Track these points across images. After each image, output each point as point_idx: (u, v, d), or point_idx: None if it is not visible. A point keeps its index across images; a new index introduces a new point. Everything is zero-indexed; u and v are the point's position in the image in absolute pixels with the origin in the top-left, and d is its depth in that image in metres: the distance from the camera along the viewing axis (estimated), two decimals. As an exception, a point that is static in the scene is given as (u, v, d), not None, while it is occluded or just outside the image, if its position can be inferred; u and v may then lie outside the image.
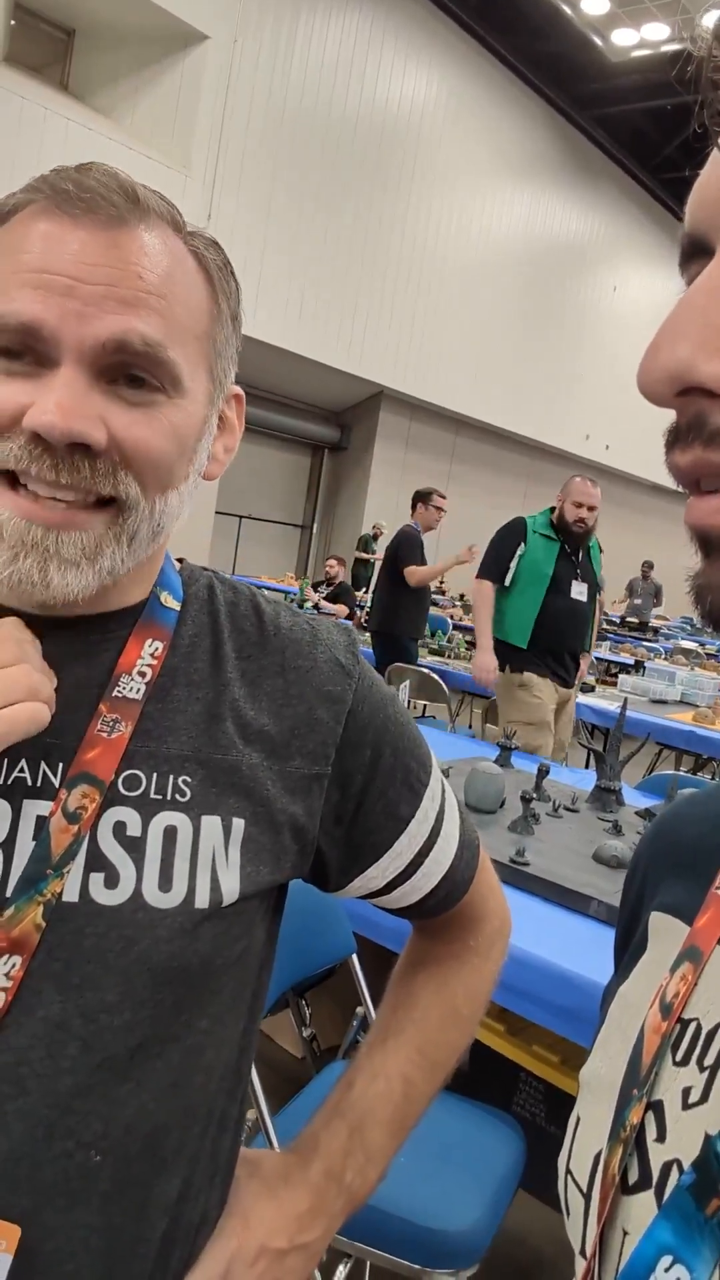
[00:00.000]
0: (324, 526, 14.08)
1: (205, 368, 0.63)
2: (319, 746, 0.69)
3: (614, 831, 2.33)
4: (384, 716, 0.74)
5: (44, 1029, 0.57)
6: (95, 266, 0.57)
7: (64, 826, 0.59)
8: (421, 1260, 1.37)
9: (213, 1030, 0.64)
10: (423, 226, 12.37)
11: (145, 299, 0.58)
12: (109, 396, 0.58)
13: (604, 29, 11.78)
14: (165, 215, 0.61)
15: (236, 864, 0.64)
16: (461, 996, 0.83)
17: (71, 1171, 0.58)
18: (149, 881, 0.61)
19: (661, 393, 0.32)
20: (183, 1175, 0.63)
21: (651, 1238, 0.37)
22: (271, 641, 0.71)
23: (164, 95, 9.62)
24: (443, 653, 6.33)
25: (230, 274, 0.66)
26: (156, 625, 0.66)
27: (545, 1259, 1.95)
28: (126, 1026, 0.59)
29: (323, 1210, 0.72)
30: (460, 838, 0.79)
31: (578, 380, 15.08)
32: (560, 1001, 1.54)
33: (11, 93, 7.98)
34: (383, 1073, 0.78)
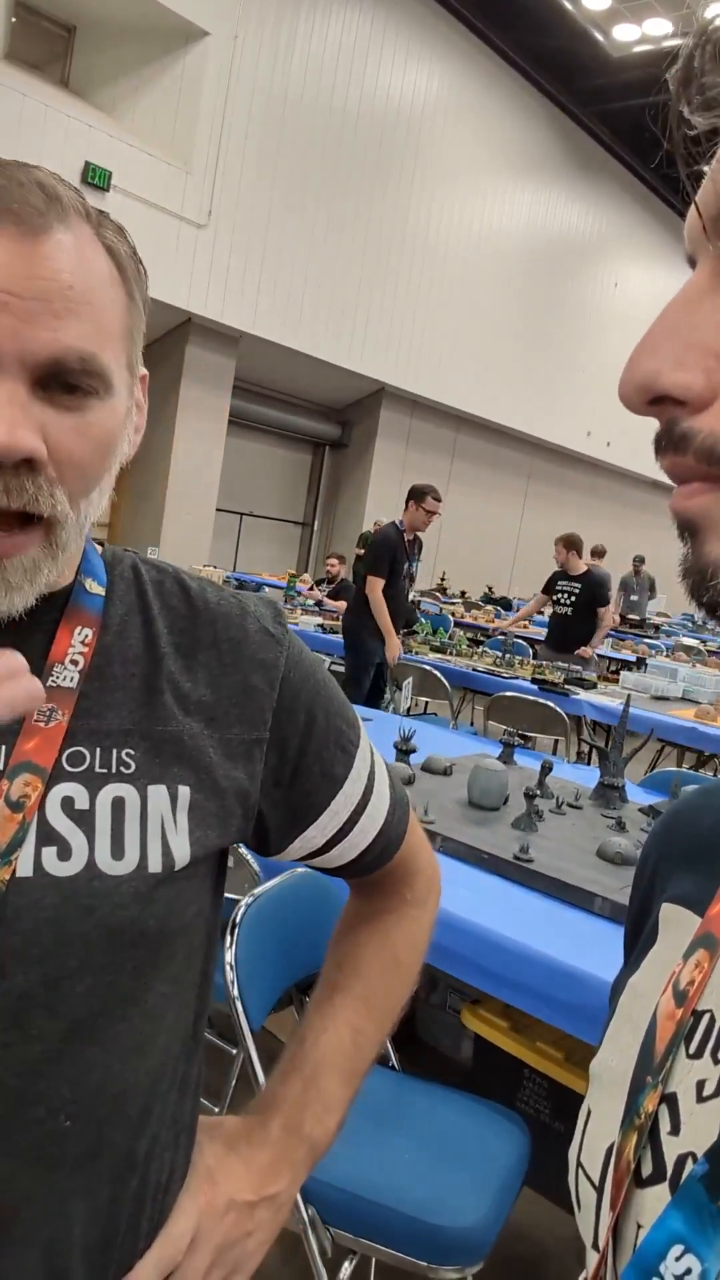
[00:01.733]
0: (325, 524, 14.07)
1: (125, 362, 0.65)
2: (256, 712, 0.72)
3: (617, 828, 2.33)
4: (314, 681, 0.77)
5: (8, 1001, 0.59)
6: (26, 279, 0.57)
7: (8, 815, 0.60)
8: (427, 1257, 1.37)
9: (171, 994, 0.67)
10: (424, 223, 12.36)
11: (76, 309, 0.58)
12: (45, 404, 0.59)
13: (605, 24, 11.75)
14: (80, 210, 0.61)
15: (185, 829, 0.66)
16: (402, 946, 0.86)
17: (43, 1137, 0.60)
18: (101, 851, 0.62)
19: (635, 402, 0.35)
20: (150, 1135, 0.66)
21: (663, 1226, 0.38)
22: (202, 615, 0.73)
23: (165, 92, 9.61)
24: (445, 650, 6.33)
25: (138, 260, 0.66)
26: (83, 612, 0.67)
27: (550, 1255, 1.95)
28: (89, 991, 0.61)
29: (285, 1161, 0.75)
30: (391, 795, 0.83)
31: (578, 377, 15.06)
32: (564, 998, 1.55)
33: (12, 90, 7.97)
34: (331, 1024, 0.81)
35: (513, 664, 5.99)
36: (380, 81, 11.41)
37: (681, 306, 0.35)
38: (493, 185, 13.30)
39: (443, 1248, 1.38)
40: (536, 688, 5.31)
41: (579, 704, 5.16)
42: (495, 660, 6.10)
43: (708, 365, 0.33)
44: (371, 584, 5.28)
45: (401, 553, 5.35)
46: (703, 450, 0.34)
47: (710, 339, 0.33)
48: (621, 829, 2.32)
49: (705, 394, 0.33)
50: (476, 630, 9.04)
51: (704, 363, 0.33)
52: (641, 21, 11.51)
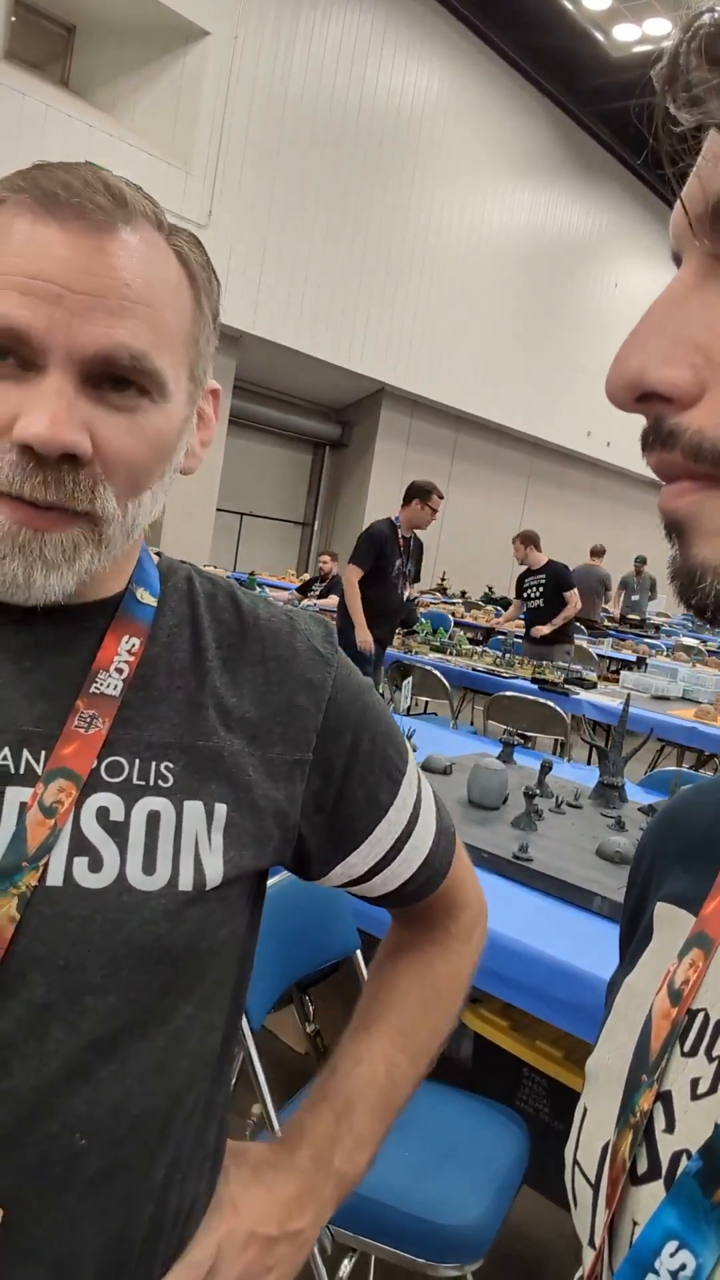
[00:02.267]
0: (325, 523, 14.07)
1: (187, 369, 0.64)
2: (300, 733, 0.70)
3: (617, 827, 2.33)
4: (362, 704, 0.75)
5: (28, 1012, 0.58)
6: (84, 274, 0.56)
7: (40, 820, 0.60)
8: (426, 1254, 1.38)
9: (197, 1015, 0.65)
10: (424, 223, 12.35)
11: (132, 308, 0.58)
12: (94, 401, 0.58)
13: (605, 24, 11.74)
14: (150, 216, 0.61)
15: (220, 848, 0.65)
16: (443, 980, 0.83)
17: (56, 1155, 0.58)
18: (132, 864, 0.61)
19: (623, 399, 0.35)
20: (169, 1160, 0.64)
21: (658, 1222, 0.38)
22: (251, 631, 0.72)
23: (165, 92, 9.60)
24: (445, 649, 6.33)
25: (212, 272, 0.66)
26: (132, 621, 0.67)
27: (550, 1253, 1.96)
28: (112, 1009, 0.59)
29: (312, 1196, 0.72)
30: (437, 824, 0.80)
31: (579, 377, 15.06)
32: (563, 997, 1.55)
33: (12, 89, 7.97)
34: (366, 1056, 0.78)
35: (512, 663, 5.99)
36: (380, 81, 11.41)
37: (667, 303, 0.35)
38: (493, 185, 13.29)
39: (442, 1246, 1.38)
40: (536, 687, 5.31)
41: (579, 703, 5.16)
42: (495, 660, 6.10)
43: (694, 361, 0.33)
44: (349, 572, 5.12)
45: (393, 548, 5.17)
46: (690, 447, 0.34)
47: (697, 335, 0.34)
48: (621, 828, 2.33)
49: (692, 390, 0.33)
50: (477, 630, 9.05)
51: (690, 359, 0.33)
52: (642, 21, 11.51)
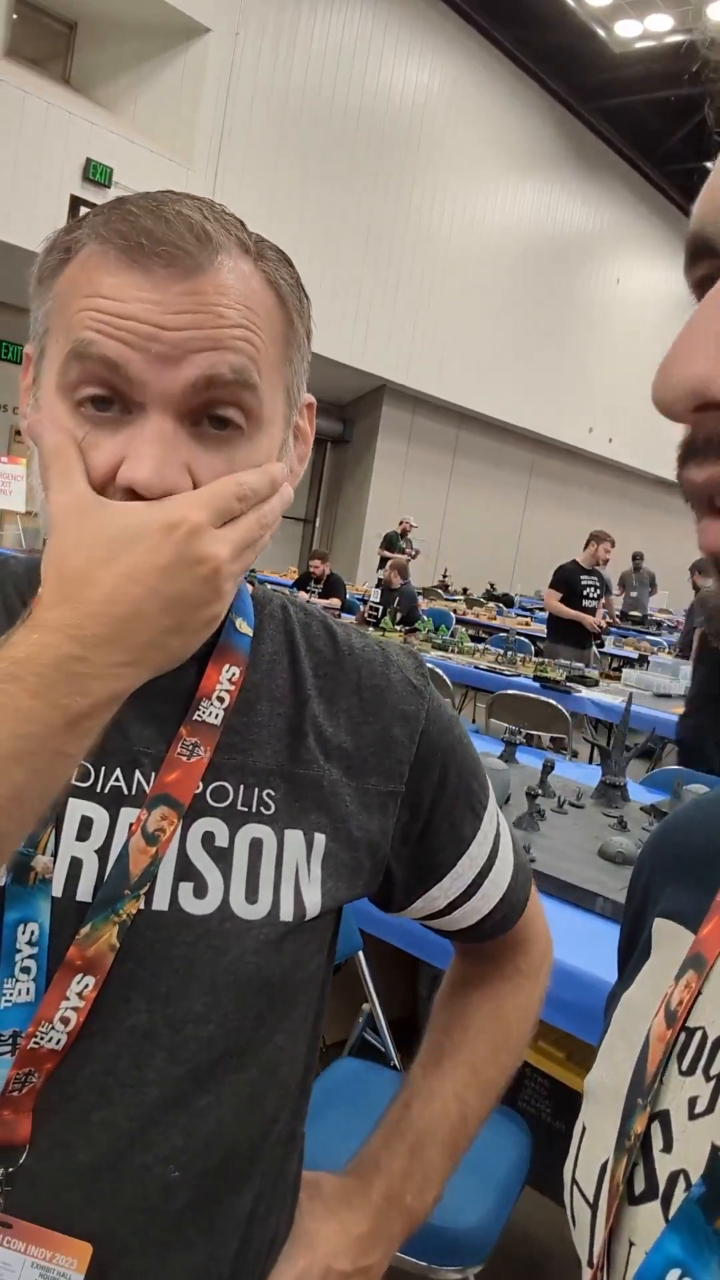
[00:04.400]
0: (326, 521, 14.07)
1: (284, 392, 0.64)
2: (395, 765, 0.71)
3: (619, 827, 2.33)
4: (451, 737, 0.75)
5: (131, 1039, 0.58)
6: (176, 315, 0.56)
7: (142, 848, 0.60)
8: (428, 1257, 1.37)
9: (287, 1045, 0.65)
10: (425, 219, 12.34)
11: (227, 337, 0.57)
12: (193, 439, 0.58)
13: (607, 20, 11.72)
14: (237, 244, 0.61)
15: (318, 879, 0.65)
16: (513, 1019, 0.83)
17: (150, 1187, 0.58)
18: (236, 892, 0.62)
19: (679, 409, 0.32)
20: (254, 1193, 0.64)
21: (660, 1250, 0.37)
22: (346, 661, 0.72)
23: (166, 88, 9.59)
24: (446, 648, 6.32)
25: (302, 291, 0.66)
26: (233, 651, 0.67)
27: (552, 1255, 1.95)
28: (210, 1038, 0.60)
29: (383, 1233, 0.72)
30: (515, 860, 0.80)
31: (581, 374, 15.04)
32: (565, 998, 1.54)
33: (13, 86, 7.96)
34: (439, 1094, 0.78)
35: (514, 661, 5.98)
36: (382, 78, 11.39)
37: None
38: (494, 182, 13.28)
39: (444, 1248, 1.38)
40: (539, 685, 5.30)
41: (581, 702, 5.15)
42: (497, 658, 6.10)
43: None
44: None
45: None
46: None
47: None
48: (623, 828, 2.32)
49: None
50: (478, 627, 9.04)
51: None
52: (644, 17, 11.48)
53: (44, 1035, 0.56)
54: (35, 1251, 0.56)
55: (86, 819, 0.60)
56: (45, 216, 7.94)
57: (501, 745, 2.88)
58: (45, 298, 0.61)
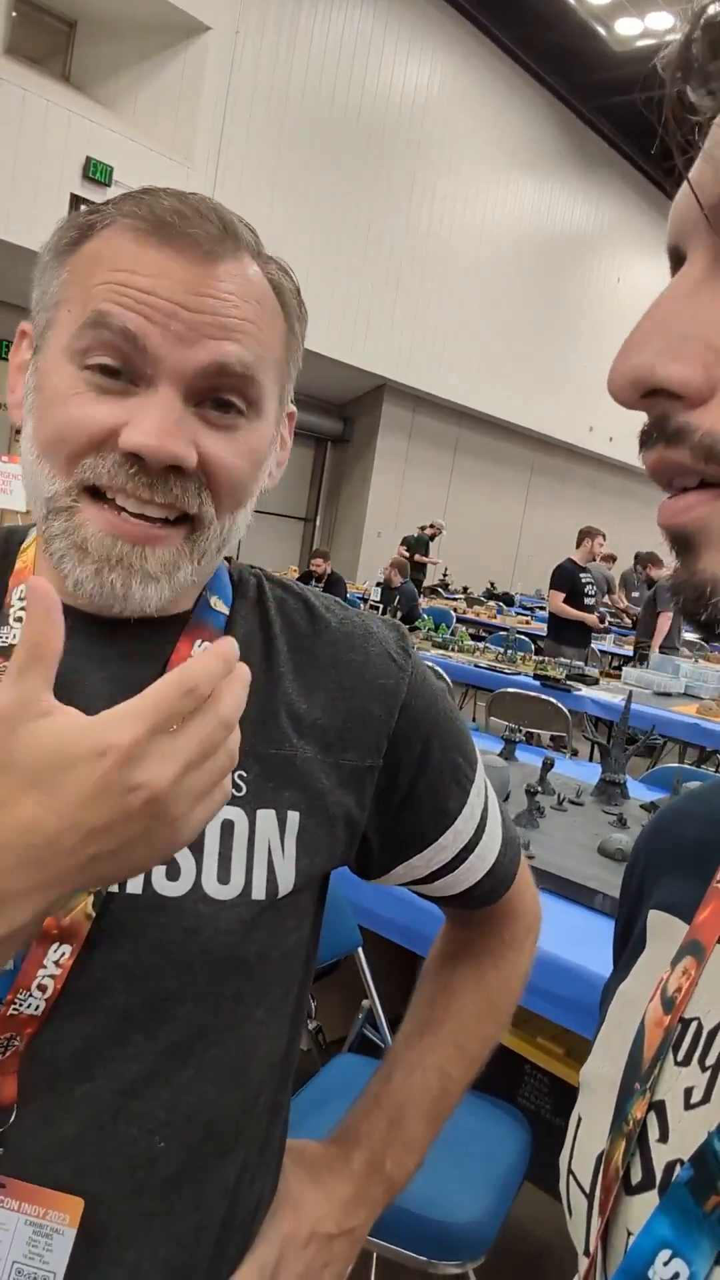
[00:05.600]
0: (327, 519, 14.06)
1: (278, 391, 0.67)
2: (372, 739, 0.70)
3: (619, 825, 2.33)
4: (435, 711, 0.75)
5: (111, 1018, 0.59)
6: (196, 296, 0.59)
7: None
8: (428, 1252, 1.38)
9: (267, 1020, 0.66)
10: (425, 218, 12.33)
11: (241, 326, 0.60)
12: (199, 419, 0.60)
13: (608, 18, 11.71)
14: (252, 246, 0.64)
15: (292, 856, 0.66)
16: (497, 991, 0.84)
17: (137, 1158, 0.60)
18: (208, 873, 0.62)
19: (627, 396, 0.34)
20: (240, 1162, 0.66)
21: (650, 1232, 0.37)
22: (324, 635, 0.72)
23: (166, 86, 9.58)
24: (447, 646, 6.32)
25: (300, 301, 0.68)
26: (205, 626, 0.68)
27: (551, 1250, 1.96)
28: (189, 1015, 0.61)
29: (365, 1198, 0.75)
30: (504, 834, 0.81)
31: (581, 372, 15.03)
32: (565, 994, 1.55)
33: (13, 84, 7.95)
34: (420, 1065, 0.80)
35: (514, 660, 5.98)
36: (382, 76, 11.38)
37: (676, 297, 0.34)
38: (495, 180, 13.27)
39: (444, 1243, 1.38)
40: (538, 684, 5.30)
41: (581, 700, 5.16)
42: (497, 656, 6.10)
43: (706, 359, 0.32)
44: None
45: None
46: (701, 448, 0.33)
47: (708, 332, 0.33)
48: (623, 826, 2.33)
49: (703, 388, 0.32)
50: (478, 626, 9.04)
51: (702, 356, 0.32)
52: (644, 15, 11.48)
53: (22, 1002, 0.57)
54: (28, 1209, 0.57)
55: None
56: (45, 215, 7.92)
57: (501, 743, 2.88)
58: (59, 271, 0.63)
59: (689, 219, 0.34)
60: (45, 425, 0.61)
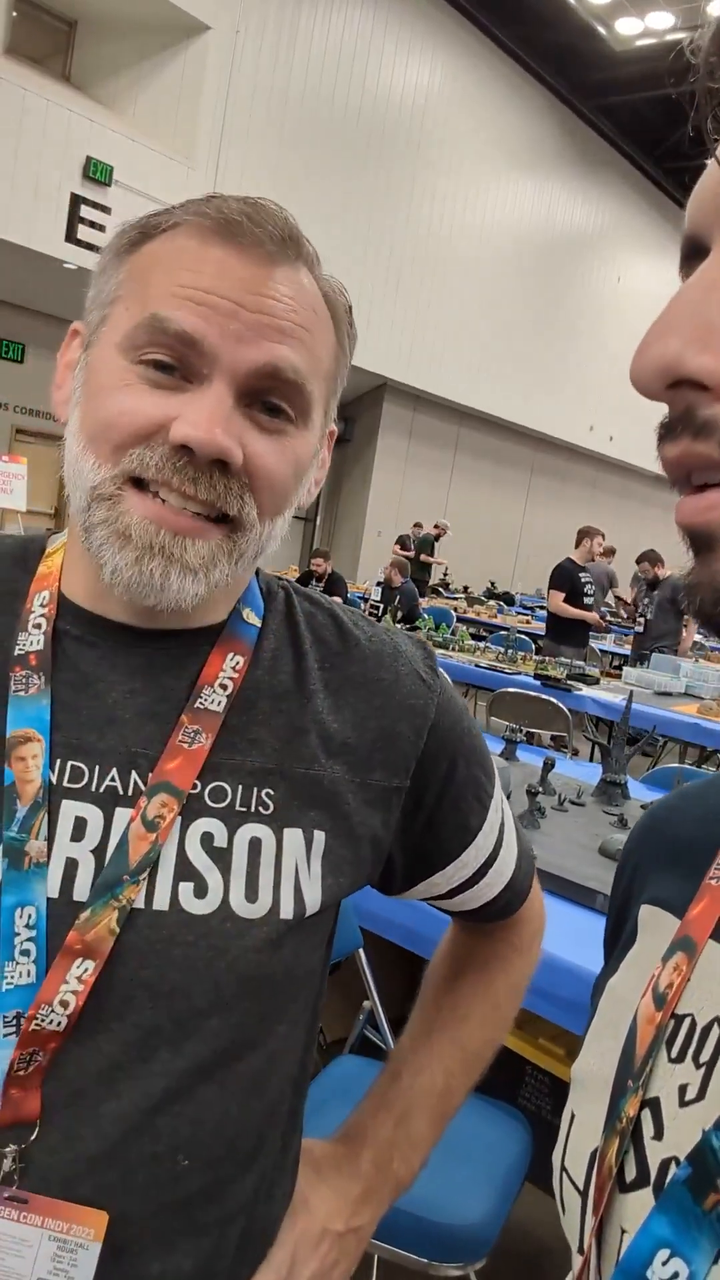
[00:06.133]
0: (327, 518, 14.07)
1: (324, 404, 0.67)
2: (400, 760, 0.70)
3: (620, 825, 2.33)
4: (460, 729, 0.75)
5: (137, 1035, 0.59)
6: (258, 296, 0.59)
7: (142, 834, 0.60)
8: (429, 1254, 1.37)
9: (289, 1034, 0.67)
10: (425, 217, 12.33)
11: (296, 331, 0.61)
12: (247, 419, 0.60)
13: (608, 18, 11.71)
14: (312, 258, 0.65)
15: (318, 876, 0.66)
16: (503, 994, 0.85)
17: (161, 1175, 0.59)
18: (236, 892, 0.62)
19: (653, 386, 0.33)
20: (259, 1173, 0.66)
21: (648, 1231, 0.37)
22: (354, 652, 0.72)
23: (166, 86, 9.58)
24: (447, 646, 6.32)
25: (351, 318, 0.69)
26: (237, 639, 0.67)
27: (552, 1252, 1.95)
28: (214, 1032, 0.61)
29: (372, 1196, 0.76)
30: (519, 848, 0.81)
31: (581, 371, 15.03)
32: (566, 995, 1.54)
33: (13, 84, 7.94)
34: (427, 1067, 0.80)
35: (515, 660, 5.98)
36: (382, 75, 11.38)
37: (702, 288, 0.33)
38: (495, 180, 13.27)
39: (445, 1244, 1.38)
40: (539, 683, 5.30)
41: (581, 700, 5.15)
42: (497, 656, 6.10)
43: None
44: None
45: None
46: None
47: None
48: (624, 826, 2.32)
49: None
50: (479, 626, 9.03)
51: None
52: (644, 15, 11.48)
53: (44, 1017, 0.57)
54: (52, 1224, 0.57)
55: (81, 819, 0.61)
56: (45, 215, 7.94)
57: (502, 743, 2.88)
58: (118, 270, 0.63)
59: (713, 208, 0.34)
60: (94, 415, 0.60)
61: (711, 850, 0.49)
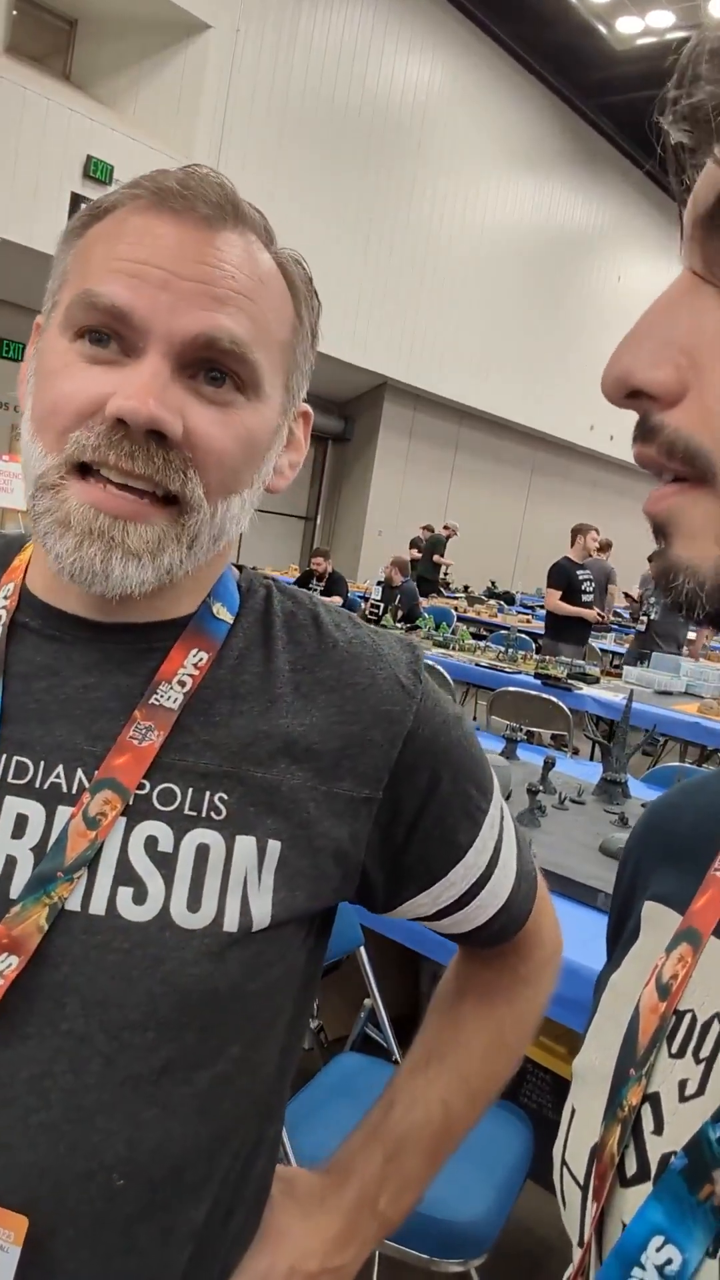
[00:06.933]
0: (327, 518, 14.06)
1: (283, 377, 0.64)
2: (370, 769, 0.65)
3: (620, 824, 2.33)
4: (445, 740, 0.69)
5: (68, 1042, 0.56)
6: (191, 263, 0.57)
7: (82, 831, 0.58)
8: (430, 1250, 1.38)
9: (246, 1056, 0.62)
10: (426, 216, 12.32)
11: (235, 299, 0.58)
12: (189, 391, 0.58)
13: (608, 17, 11.69)
14: (258, 225, 0.63)
15: (269, 888, 0.61)
16: (509, 1026, 0.80)
17: (95, 1193, 0.56)
18: (177, 900, 0.59)
19: (614, 395, 0.37)
20: (210, 1201, 0.62)
21: (643, 1218, 0.38)
22: (329, 655, 0.67)
23: (166, 85, 9.58)
24: (447, 645, 6.32)
25: (313, 290, 0.66)
26: (203, 635, 0.64)
27: (553, 1249, 1.96)
28: (150, 1046, 0.57)
29: (355, 1235, 0.71)
30: (518, 868, 0.75)
31: (581, 370, 15.02)
32: (567, 993, 1.54)
33: (14, 83, 7.94)
34: (423, 1099, 0.76)
35: (515, 659, 5.98)
36: (382, 74, 11.38)
37: (661, 308, 0.37)
38: (496, 179, 13.26)
39: (446, 1241, 1.38)
40: (539, 682, 5.31)
41: (582, 699, 5.16)
42: (498, 655, 6.10)
43: (679, 363, 0.35)
44: None
45: None
46: (665, 444, 0.36)
47: (683, 338, 0.35)
48: (624, 825, 2.33)
49: (675, 390, 0.35)
50: (479, 625, 9.03)
51: (675, 360, 0.35)
52: (645, 14, 11.46)
53: None
54: None
55: (22, 816, 0.59)
56: (45, 214, 7.93)
57: (503, 742, 2.88)
58: (67, 254, 0.62)
59: (687, 226, 0.37)
60: (39, 400, 0.59)
61: (714, 843, 0.49)
